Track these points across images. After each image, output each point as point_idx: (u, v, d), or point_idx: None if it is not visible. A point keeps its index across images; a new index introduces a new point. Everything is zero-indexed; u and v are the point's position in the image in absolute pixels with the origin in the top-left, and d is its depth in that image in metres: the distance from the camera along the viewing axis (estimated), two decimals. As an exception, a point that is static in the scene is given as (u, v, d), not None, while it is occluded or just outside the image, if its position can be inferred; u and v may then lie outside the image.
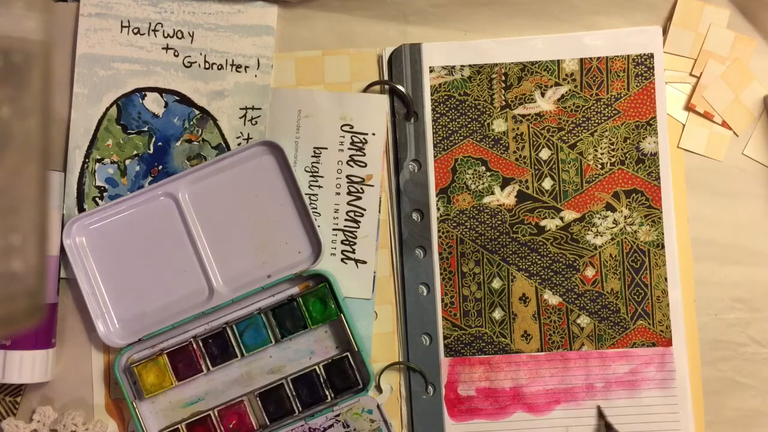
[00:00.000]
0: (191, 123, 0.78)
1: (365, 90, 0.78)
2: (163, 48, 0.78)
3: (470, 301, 0.77)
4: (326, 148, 0.77)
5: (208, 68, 0.78)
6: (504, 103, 0.77)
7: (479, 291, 0.77)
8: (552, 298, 0.77)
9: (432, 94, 0.78)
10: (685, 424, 0.76)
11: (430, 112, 0.78)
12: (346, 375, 0.76)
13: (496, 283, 0.77)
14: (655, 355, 0.76)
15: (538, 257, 0.77)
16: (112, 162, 0.78)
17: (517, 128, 0.77)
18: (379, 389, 0.77)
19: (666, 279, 0.77)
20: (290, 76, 0.79)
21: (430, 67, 0.78)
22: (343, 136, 0.77)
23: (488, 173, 0.77)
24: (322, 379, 0.76)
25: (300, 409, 0.76)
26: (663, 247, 0.77)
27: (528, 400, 0.77)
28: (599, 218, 0.77)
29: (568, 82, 0.77)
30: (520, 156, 0.77)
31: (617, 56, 0.77)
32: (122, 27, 0.78)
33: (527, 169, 0.77)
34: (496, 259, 0.77)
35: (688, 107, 0.78)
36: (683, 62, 0.78)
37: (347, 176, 0.77)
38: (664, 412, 0.76)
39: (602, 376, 0.77)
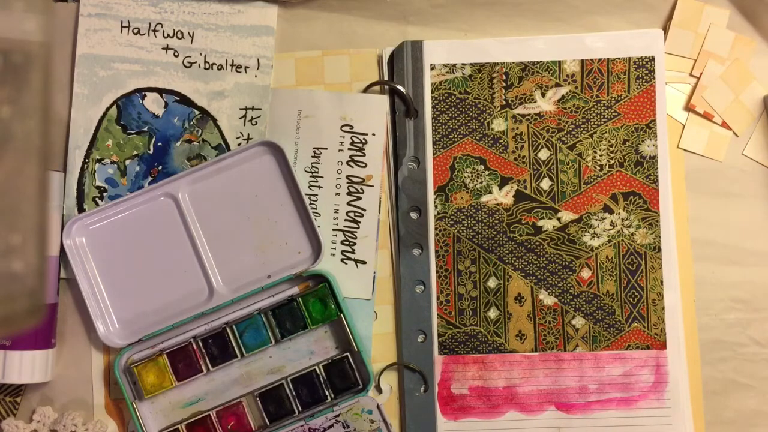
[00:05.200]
0: (191, 123, 0.78)
1: (365, 90, 0.78)
2: (163, 48, 0.78)
3: (465, 299, 0.77)
4: (326, 149, 0.77)
5: (208, 68, 0.78)
6: (504, 102, 0.77)
7: (475, 290, 0.77)
8: (547, 299, 0.77)
9: (432, 92, 0.78)
10: (677, 428, 0.76)
11: (430, 110, 0.78)
12: (345, 375, 0.76)
13: (492, 282, 0.77)
14: (649, 358, 0.77)
15: (535, 257, 0.77)
16: (112, 162, 0.78)
17: (517, 128, 0.77)
18: (378, 389, 0.77)
19: (662, 282, 0.77)
20: (290, 76, 0.79)
21: (431, 65, 0.78)
22: (343, 137, 0.77)
23: (487, 172, 0.77)
24: (321, 380, 0.76)
25: (300, 409, 0.76)
26: (659, 250, 0.77)
27: (521, 399, 0.77)
28: (596, 220, 0.77)
29: (569, 83, 0.77)
30: (518, 156, 0.77)
31: (618, 58, 0.77)
32: (122, 27, 0.78)
33: (526, 169, 0.77)
34: (492, 258, 0.77)
35: (688, 107, 0.78)
36: (683, 62, 0.78)
37: (347, 176, 0.77)
38: (657, 415, 0.76)
39: (596, 378, 0.77)
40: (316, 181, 0.77)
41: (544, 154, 0.77)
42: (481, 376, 0.77)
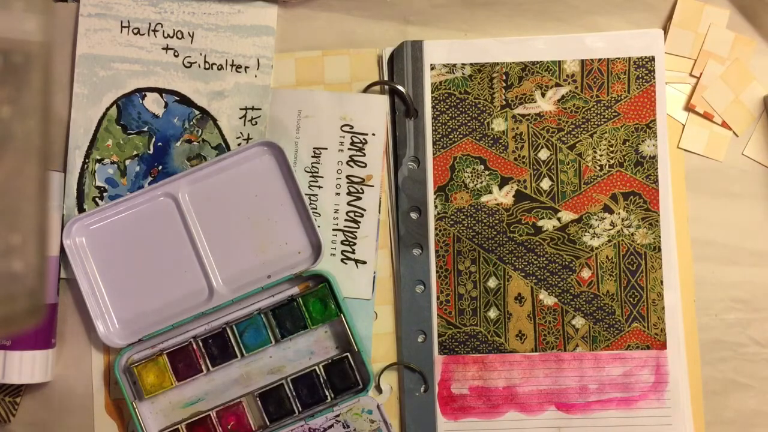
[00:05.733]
0: (191, 123, 0.78)
1: (365, 90, 0.78)
2: (163, 48, 0.78)
3: (465, 299, 0.77)
4: (326, 149, 0.77)
5: (208, 68, 0.78)
6: (504, 102, 0.77)
7: (475, 290, 0.77)
8: (547, 299, 0.77)
9: (432, 92, 0.78)
10: (677, 428, 0.76)
11: (430, 110, 0.78)
12: (346, 375, 0.76)
13: (492, 282, 0.77)
14: (649, 358, 0.76)
15: (535, 257, 0.77)
16: (112, 162, 0.78)
17: (517, 128, 0.77)
18: (379, 389, 0.77)
19: (662, 282, 0.77)
20: (290, 76, 0.79)
21: (431, 65, 0.78)
22: (343, 137, 0.77)
23: (487, 172, 0.77)
24: (322, 380, 0.76)
25: (300, 409, 0.76)
26: (659, 250, 0.77)
27: (521, 399, 0.77)
28: (596, 220, 0.77)
29: (569, 83, 0.77)
30: (519, 156, 0.77)
31: (618, 58, 0.77)
32: (122, 27, 0.78)
33: (526, 169, 0.77)
34: (492, 258, 0.77)
35: (688, 107, 0.78)
36: (683, 62, 0.78)
37: (347, 176, 0.77)
38: (657, 415, 0.76)
39: (596, 378, 0.77)
40: (316, 181, 0.77)
41: (544, 154, 0.77)
42: (481, 376, 0.77)
